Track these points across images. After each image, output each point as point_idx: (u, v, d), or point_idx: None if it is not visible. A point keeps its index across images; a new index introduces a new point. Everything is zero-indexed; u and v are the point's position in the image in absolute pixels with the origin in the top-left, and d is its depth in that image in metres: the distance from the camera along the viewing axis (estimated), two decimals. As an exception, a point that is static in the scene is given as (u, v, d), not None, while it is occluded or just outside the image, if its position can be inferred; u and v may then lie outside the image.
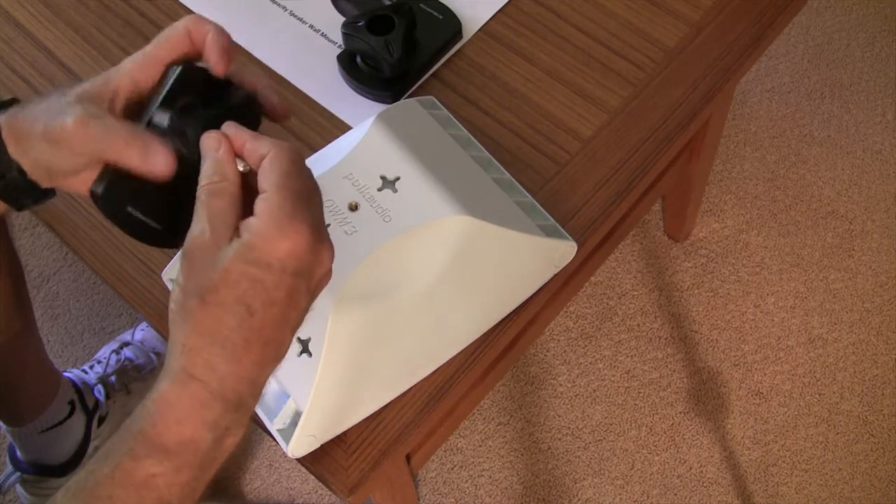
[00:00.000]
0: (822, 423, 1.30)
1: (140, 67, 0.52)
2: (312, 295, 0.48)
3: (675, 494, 1.26)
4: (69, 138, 0.50)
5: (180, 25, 0.53)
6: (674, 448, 1.29)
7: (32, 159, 0.53)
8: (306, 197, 0.47)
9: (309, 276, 0.47)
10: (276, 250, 0.45)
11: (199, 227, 0.46)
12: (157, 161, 0.49)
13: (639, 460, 1.28)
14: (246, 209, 0.47)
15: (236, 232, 0.46)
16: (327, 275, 0.49)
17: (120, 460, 0.46)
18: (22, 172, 0.53)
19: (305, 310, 0.48)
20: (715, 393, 1.32)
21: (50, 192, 0.56)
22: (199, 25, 0.53)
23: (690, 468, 1.28)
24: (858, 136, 1.52)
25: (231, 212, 0.47)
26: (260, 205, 0.46)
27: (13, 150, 0.52)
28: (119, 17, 0.90)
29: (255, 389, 0.48)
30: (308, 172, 0.48)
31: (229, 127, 0.50)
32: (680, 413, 1.31)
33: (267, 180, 0.46)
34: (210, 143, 0.49)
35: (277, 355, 0.48)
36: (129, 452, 0.46)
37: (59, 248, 1.46)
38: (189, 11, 0.90)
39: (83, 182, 0.53)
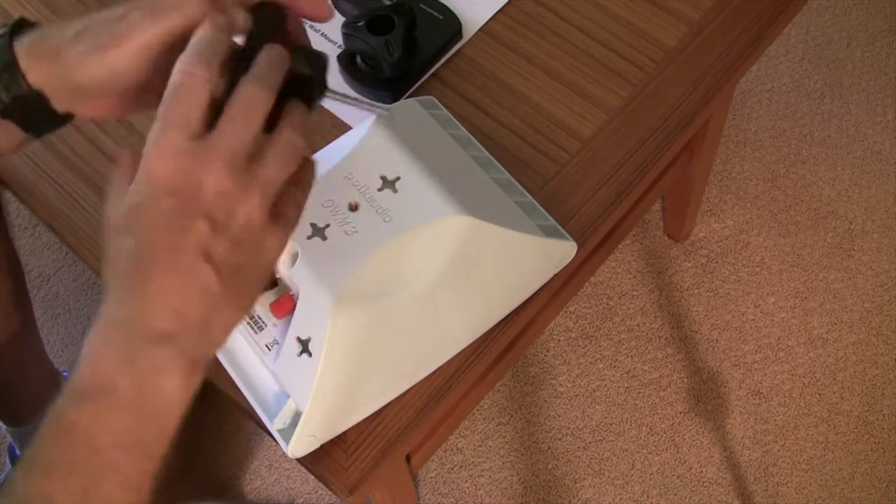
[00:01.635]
0: (822, 423, 1.30)
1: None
2: (212, 220, 0.45)
3: (675, 494, 1.26)
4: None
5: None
6: (674, 448, 1.29)
7: (59, 78, 0.52)
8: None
9: (194, 197, 0.44)
10: (148, 172, 0.45)
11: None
12: None
13: (639, 460, 1.28)
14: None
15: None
16: (224, 196, 0.45)
17: (47, 415, 0.45)
18: (39, 96, 0.52)
19: (206, 234, 0.45)
20: (715, 393, 1.32)
21: (66, 118, 0.54)
22: None
23: (690, 468, 1.28)
24: (858, 136, 1.52)
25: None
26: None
27: (34, 72, 0.52)
28: (119, 17, 0.90)
29: (181, 323, 0.45)
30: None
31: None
32: (680, 413, 1.31)
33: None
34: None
35: (186, 283, 0.45)
36: (53, 406, 0.45)
37: (59, 248, 1.46)
38: (189, 11, 0.89)
39: (111, 104, 0.52)
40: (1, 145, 0.57)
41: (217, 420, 1.31)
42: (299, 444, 0.64)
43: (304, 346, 0.61)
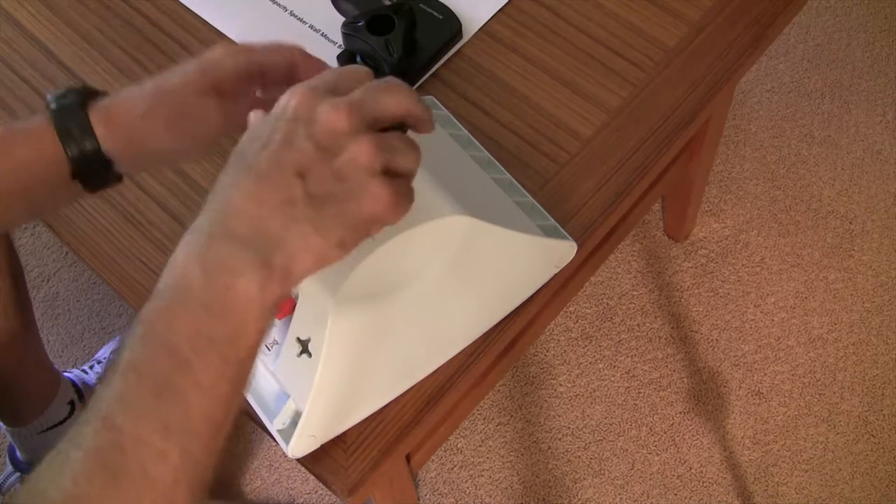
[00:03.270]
0: (822, 423, 1.30)
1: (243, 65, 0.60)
2: (318, 145, 0.47)
3: (675, 494, 1.26)
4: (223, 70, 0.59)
5: (288, 54, 0.59)
6: (674, 448, 1.29)
7: (131, 149, 0.59)
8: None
9: (309, 124, 0.47)
10: (278, 104, 0.49)
11: None
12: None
13: (639, 460, 1.28)
14: None
15: None
16: (336, 131, 0.48)
17: (131, 323, 0.46)
18: (108, 161, 0.58)
19: (308, 155, 0.47)
20: (715, 393, 1.32)
21: (118, 177, 0.61)
22: (307, 64, 0.59)
23: (690, 468, 1.28)
24: (858, 136, 1.52)
25: None
26: None
27: (107, 142, 0.58)
28: (119, 17, 0.90)
29: (257, 230, 0.46)
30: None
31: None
32: (680, 413, 1.31)
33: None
34: None
35: (271, 192, 0.46)
36: (137, 315, 0.46)
37: (59, 248, 1.46)
38: (189, 12, 0.90)
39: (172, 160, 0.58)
40: (62, 202, 0.64)
41: (217, 420, 1.31)
42: (299, 445, 0.64)
43: (304, 346, 0.61)
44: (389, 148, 0.48)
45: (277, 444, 0.65)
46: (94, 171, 0.59)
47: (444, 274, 0.63)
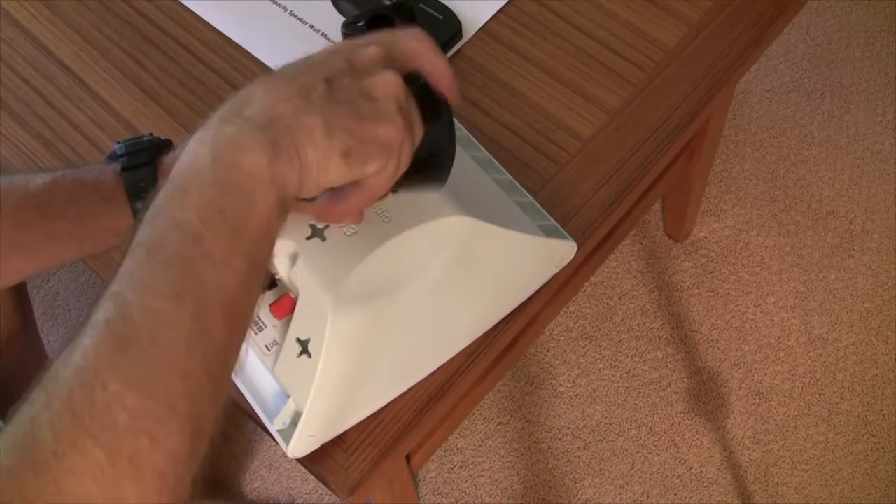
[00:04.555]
0: (822, 423, 1.30)
1: None
2: (351, 64, 0.50)
3: (675, 494, 1.26)
4: None
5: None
6: (674, 448, 1.29)
7: None
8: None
9: (348, 52, 0.50)
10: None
11: None
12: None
13: (639, 460, 1.28)
14: None
15: None
16: (370, 56, 0.51)
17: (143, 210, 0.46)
18: None
19: (339, 71, 0.49)
20: (715, 393, 1.32)
21: None
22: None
23: (690, 468, 1.28)
24: (858, 136, 1.52)
25: None
26: None
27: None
28: (119, 17, 0.90)
29: (268, 113, 0.46)
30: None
31: None
32: (680, 413, 1.31)
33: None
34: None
35: (292, 88, 0.47)
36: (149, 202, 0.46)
37: (59, 248, 1.46)
38: (189, 12, 0.90)
39: None
40: (111, 246, 0.65)
41: (217, 420, 1.31)
42: (299, 445, 0.64)
43: (304, 346, 0.61)
44: (411, 106, 0.51)
45: (277, 444, 0.65)
46: None
47: (444, 274, 0.63)
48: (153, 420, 0.41)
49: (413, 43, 0.52)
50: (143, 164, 0.62)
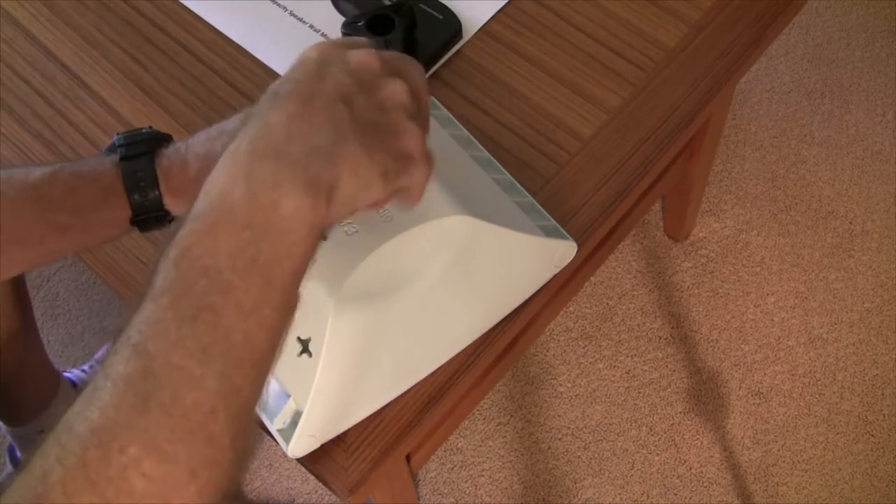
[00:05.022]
0: (822, 423, 1.30)
1: None
2: (356, 79, 0.48)
3: (675, 494, 1.26)
4: None
5: None
6: (674, 448, 1.29)
7: (181, 197, 0.62)
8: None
9: (343, 62, 0.48)
10: (301, 57, 0.49)
11: None
12: None
13: (639, 460, 1.28)
14: None
15: None
16: (371, 69, 0.49)
17: (163, 250, 0.43)
18: (167, 213, 0.62)
19: (348, 86, 0.47)
20: (715, 393, 1.32)
21: (171, 221, 0.64)
22: None
23: (690, 468, 1.28)
24: (858, 136, 1.52)
25: None
26: None
27: (168, 198, 0.62)
28: (119, 17, 0.90)
29: (303, 144, 0.43)
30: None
31: None
32: (680, 413, 1.31)
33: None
34: None
35: (315, 113, 0.45)
36: (170, 240, 0.43)
37: (59, 248, 1.46)
38: (189, 12, 0.90)
39: None
40: (111, 239, 0.65)
41: (217, 420, 1.31)
42: (299, 444, 0.64)
43: (304, 346, 0.61)
44: (420, 106, 0.50)
45: (277, 444, 0.65)
46: (152, 218, 0.62)
47: (444, 274, 0.63)
48: (171, 487, 0.39)
49: (401, 62, 0.52)
50: (141, 155, 0.61)
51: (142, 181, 0.61)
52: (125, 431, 0.39)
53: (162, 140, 0.64)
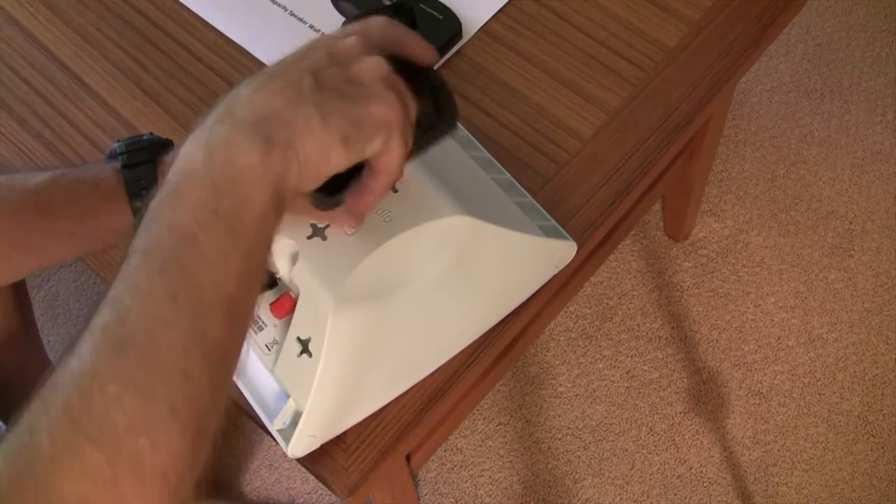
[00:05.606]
0: (822, 423, 1.30)
1: None
2: (332, 55, 0.50)
3: (675, 494, 1.26)
4: None
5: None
6: (674, 448, 1.29)
7: None
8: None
9: (328, 45, 0.51)
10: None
11: None
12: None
13: (639, 460, 1.28)
14: None
15: None
16: (350, 47, 0.51)
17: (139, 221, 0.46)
18: None
19: (322, 61, 0.50)
20: (715, 393, 1.32)
21: None
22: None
23: (690, 468, 1.28)
24: (858, 136, 1.52)
25: None
26: None
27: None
28: (119, 17, 0.90)
29: (262, 112, 0.47)
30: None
31: None
32: (680, 413, 1.31)
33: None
34: None
35: (282, 85, 0.48)
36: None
37: (59, 248, 1.46)
38: (189, 12, 0.90)
39: None
40: (112, 244, 0.65)
41: (217, 420, 1.31)
42: (299, 444, 0.64)
43: (304, 346, 0.61)
44: (399, 83, 0.51)
45: (277, 444, 0.65)
46: None
47: (444, 274, 0.63)
48: (153, 421, 0.40)
49: (385, 27, 0.54)
50: (142, 163, 0.62)
51: (144, 189, 0.61)
52: (104, 373, 0.40)
53: (163, 146, 0.64)
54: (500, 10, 0.87)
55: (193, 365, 0.42)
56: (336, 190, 0.53)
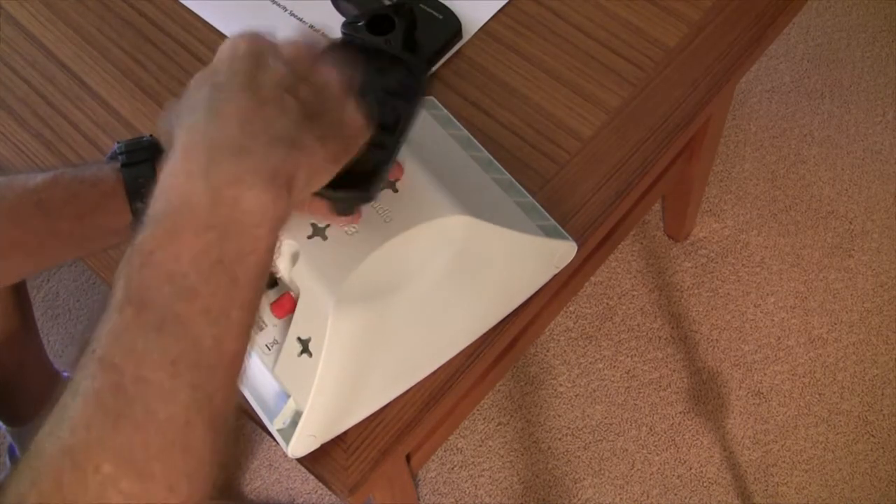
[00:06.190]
0: (822, 423, 1.30)
1: None
2: (292, 67, 0.47)
3: (675, 494, 1.26)
4: None
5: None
6: (674, 448, 1.29)
7: None
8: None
9: (276, 52, 0.47)
10: (224, 47, 0.47)
11: None
12: None
13: (639, 460, 1.28)
14: None
15: None
16: (301, 58, 0.48)
17: (125, 256, 0.41)
18: None
19: (287, 76, 0.46)
20: (715, 393, 1.32)
21: None
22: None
23: (690, 468, 1.28)
24: (858, 136, 1.52)
25: None
26: None
27: None
28: (119, 17, 0.90)
29: (259, 137, 0.42)
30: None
31: None
32: (680, 413, 1.31)
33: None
34: None
35: (265, 106, 0.44)
36: (130, 245, 0.41)
37: (59, 248, 1.46)
38: (189, 12, 0.90)
39: None
40: (111, 245, 0.65)
41: (217, 420, 1.31)
42: (299, 444, 0.64)
43: (305, 346, 0.61)
44: (352, 79, 0.49)
45: (277, 444, 0.65)
46: None
47: (444, 274, 0.63)
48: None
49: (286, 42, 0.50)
50: (142, 161, 0.61)
51: (143, 187, 0.61)
52: (98, 450, 0.38)
53: (163, 147, 0.64)
54: (499, 10, 0.87)
55: (194, 437, 0.40)
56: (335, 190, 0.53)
